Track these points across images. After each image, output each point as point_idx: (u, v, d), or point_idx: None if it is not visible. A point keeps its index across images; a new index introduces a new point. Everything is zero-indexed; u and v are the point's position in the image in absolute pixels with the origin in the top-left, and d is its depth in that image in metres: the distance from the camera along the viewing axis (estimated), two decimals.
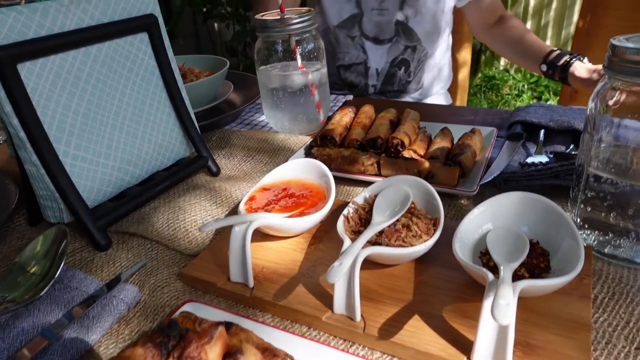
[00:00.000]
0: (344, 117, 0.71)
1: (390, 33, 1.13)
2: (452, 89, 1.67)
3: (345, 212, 0.49)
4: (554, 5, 3.31)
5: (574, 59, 0.97)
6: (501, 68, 3.59)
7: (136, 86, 0.63)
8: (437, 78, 1.24)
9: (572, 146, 0.65)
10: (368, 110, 0.74)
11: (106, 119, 0.59)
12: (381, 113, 0.72)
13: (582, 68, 0.95)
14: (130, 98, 0.62)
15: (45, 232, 0.50)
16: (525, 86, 3.27)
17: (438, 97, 1.27)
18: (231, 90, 0.94)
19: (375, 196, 0.51)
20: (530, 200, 0.45)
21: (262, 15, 0.75)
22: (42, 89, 0.52)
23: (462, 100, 1.83)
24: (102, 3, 0.57)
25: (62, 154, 0.54)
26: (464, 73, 1.82)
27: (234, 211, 0.60)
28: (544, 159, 0.61)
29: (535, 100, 3.15)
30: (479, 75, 3.46)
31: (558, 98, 2.98)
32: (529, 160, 0.62)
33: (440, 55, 1.21)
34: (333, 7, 1.12)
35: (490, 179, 0.58)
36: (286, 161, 0.68)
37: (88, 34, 0.55)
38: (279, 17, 0.73)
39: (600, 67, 0.90)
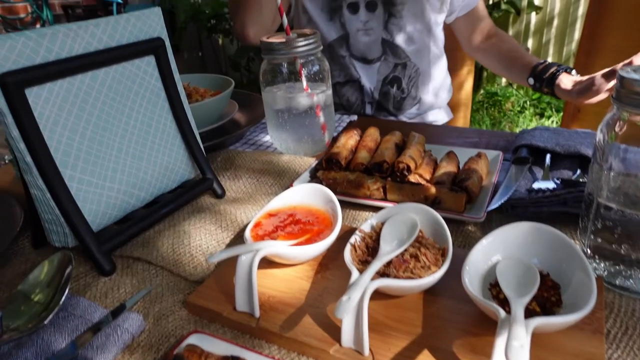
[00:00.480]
0: (350, 140, 0.71)
1: (378, 52, 1.14)
2: (455, 106, 1.68)
3: (352, 240, 0.49)
4: (555, 23, 3.34)
5: (560, 71, 0.95)
6: (503, 84, 3.61)
7: (142, 109, 0.63)
8: (434, 93, 1.23)
9: (578, 171, 0.64)
10: (373, 133, 0.74)
11: (112, 142, 0.59)
12: (386, 136, 0.72)
13: (567, 80, 0.93)
14: (136, 121, 0.62)
15: (49, 257, 0.50)
16: (528, 102, 3.28)
17: (438, 111, 1.26)
18: (236, 110, 0.95)
19: (382, 224, 0.50)
20: (540, 231, 0.44)
21: (268, 38, 0.75)
22: (49, 114, 0.52)
23: (465, 117, 1.84)
24: (110, 27, 0.57)
25: (68, 178, 0.54)
26: (466, 90, 1.83)
27: (239, 235, 0.60)
28: (550, 185, 0.61)
29: (537, 117, 3.16)
30: (481, 91, 3.47)
31: (561, 114, 2.99)
32: (536, 185, 0.61)
33: (435, 71, 1.20)
34: (322, 28, 1.12)
35: (497, 205, 0.58)
36: (291, 183, 0.68)
37: (96, 58, 0.56)
38: (284, 39, 0.73)
39: (585, 78, 0.89)
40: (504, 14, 3.25)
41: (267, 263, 0.50)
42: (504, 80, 3.62)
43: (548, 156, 0.68)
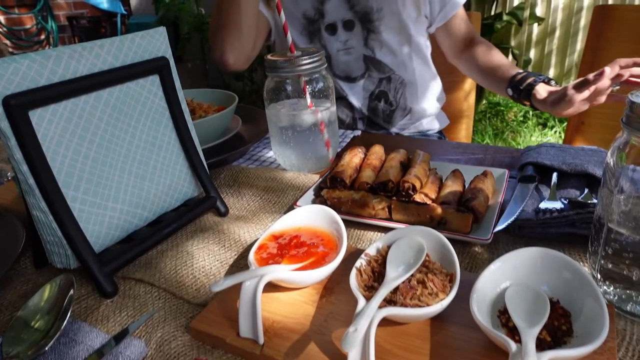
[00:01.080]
0: (354, 158, 0.71)
1: (361, 69, 1.13)
2: (457, 117, 1.67)
3: (357, 264, 0.48)
4: (557, 34, 3.35)
5: (537, 82, 0.91)
6: None
7: (146, 128, 0.62)
8: (424, 101, 1.21)
9: (586, 191, 0.64)
10: (378, 150, 0.73)
11: (115, 162, 0.59)
12: (391, 154, 0.72)
13: (544, 90, 0.89)
14: (140, 140, 0.62)
15: (51, 280, 0.49)
16: (530, 113, 3.28)
17: (432, 119, 1.25)
18: (240, 126, 0.94)
19: (388, 247, 0.50)
20: (550, 257, 0.43)
21: (272, 56, 0.75)
22: (53, 135, 0.52)
23: (467, 128, 1.83)
24: (114, 48, 0.57)
25: (70, 199, 0.53)
26: (469, 102, 1.82)
27: (242, 256, 0.59)
28: (558, 205, 0.60)
29: (540, 127, 3.15)
30: (484, 101, 3.47)
31: (565, 125, 2.98)
32: (543, 205, 0.61)
33: (421, 80, 1.19)
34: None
35: (503, 226, 0.57)
36: (295, 201, 0.68)
37: (100, 79, 0.56)
38: (289, 57, 0.73)
39: (560, 88, 0.86)
40: (506, 25, 3.26)
41: (271, 286, 0.50)
42: None
43: (555, 175, 0.68)
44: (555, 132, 3.03)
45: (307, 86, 0.75)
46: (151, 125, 0.63)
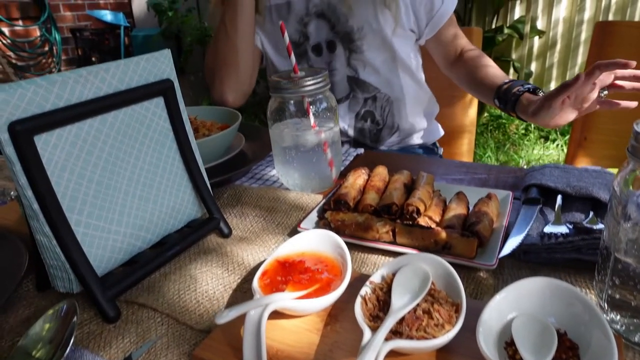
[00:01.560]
0: (358, 180, 0.71)
1: (345, 90, 1.13)
2: (459, 132, 1.67)
3: (362, 292, 0.47)
4: (558, 47, 3.36)
5: (523, 91, 0.85)
6: None
7: (150, 150, 0.62)
8: (413, 116, 1.19)
9: (591, 214, 0.63)
10: (381, 172, 0.73)
11: (120, 184, 0.59)
12: (395, 175, 0.71)
13: (526, 100, 0.83)
14: (144, 162, 0.62)
15: (53, 307, 0.49)
16: (532, 126, 3.28)
17: (421, 134, 1.23)
18: (243, 144, 0.94)
19: (393, 274, 0.49)
20: (556, 288, 0.43)
21: (276, 76, 0.75)
22: (58, 159, 0.52)
23: (469, 143, 1.83)
24: (119, 71, 0.57)
25: (74, 223, 0.53)
26: (470, 116, 1.83)
27: (245, 280, 0.59)
28: (563, 229, 0.60)
29: (542, 140, 3.16)
30: (485, 114, 3.48)
31: (567, 137, 2.98)
32: (547, 230, 0.60)
33: (409, 95, 1.17)
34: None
35: (508, 252, 0.57)
36: (299, 223, 0.67)
37: (105, 103, 0.56)
38: (292, 78, 0.73)
39: (544, 95, 0.80)
40: (507, 38, 3.28)
41: (276, 313, 0.49)
42: None
43: (559, 197, 0.67)
44: (557, 145, 3.03)
45: (311, 106, 0.75)
46: (155, 147, 0.63)
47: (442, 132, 1.32)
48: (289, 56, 0.76)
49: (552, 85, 3.48)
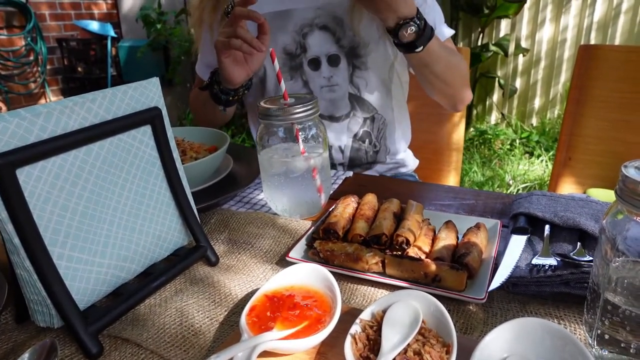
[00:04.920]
0: (347, 208, 0.70)
1: (346, 107, 1.11)
2: (446, 151, 1.68)
3: (352, 330, 0.47)
4: (542, 64, 3.43)
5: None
6: (492, 123, 3.67)
7: (137, 179, 0.61)
8: (398, 142, 1.20)
9: (579, 245, 0.64)
10: (371, 200, 0.73)
11: (104, 215, 0.57)
12: (384, 204, 0.71)
13: None
14: (130, 192, 0.60)
15: (31, 348, 0.47)
16: (517, 141, 3.33)
17: (403, 159, 1.24)
18: (231, 166, 0.94)
19: (384, 312, 0.49)
20: (548, 330, 0.43)
21: (265, 103, 0.75)
22: (40, 192, 0.51)
23: (457, 162, 1.85)
24: (106, 101, 0.57)
25: (56, 256, 0.52)
26: (459, 134, 1.84)
27: (232, 312, 0.58)
28: (551, 261, 0.60)
29: (527, 156, 3.20)
30: (471, 129, 3.52)
31: (551, 154, 3.03)
32: (535, 261, 0.60)
33: (398, 119, 1.18)
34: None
35: (497, 285, 0.57)
36: (287, 252, 0.66)
37: (91, 133, 0.55)
38: (282, 106, 0.73)
39: None
40: (492, 55, 3.34)
41: (264, 352, 0.48)
42: (493, 118, 3.68)
43: (547, 227, 0.68)
44: (542, 161, 3.07)
45: (300, 133, 0.75)
46: (142, 176, 0.62)
47: (417, 160, 1.31)
48: (278, 83, 0.75)
49: (537, 101, 3.54)
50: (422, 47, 0.89)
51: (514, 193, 2.70)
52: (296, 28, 1.06)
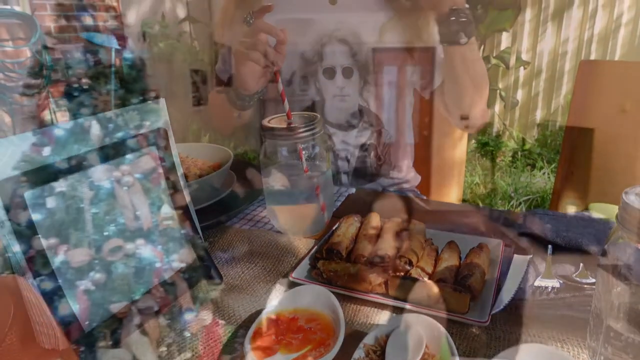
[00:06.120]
0: (350, 228, 0.71)
1: (355, 119, 1.14)
2: (449, 167, 1.69)
3: (356, 355, 0.47)
4: (543, 76, 3.45)
5: None
6: (494, 135, 3.68)
7: (141, 200, 0.62)
8: (405, 158, 1.22)
9: (581, 266, 0.64)
10: (374, 219, 0.73)
11: (109, 234, 0.58)
12: (387, 223, 0.72)
13: None
14: (134, 211, 0.61)
15: None
16: (519, 153, 3.33)
17: (405, 177, 1.25)
18: (234, 182, 0.94)
19: (387, 336, 0.49)
20: (551, 356, 0.43)
21: (269, 122, 0.76)
22: (47, 214, 0.51)
23: (459, 177, 1.85)
24: (113, 123, 0.57)
25: (62, 278, 0.52)
26: (461, 148, 1.85)
27: (236, 334, 0.58)
28: (554, 283, 0.60)
29: (529, 168, 3.20)
30: (472, 141, 3.53)
31: (553, 165, 3.03)
32: (538, 283, 0.61)
33: (403, 137, 1.20)
34: (296, 95, 1.14)
35: (500, 308, 0.57)
36: (291, 271, 0.67)
37: (94, 156, 0.55)
38: (286, 125, 0.74)
39: None
40: (493, 67, 3.35)
41: None
42: (494, 130, 3.69)
43: (550, 248, 0.68)
44: (544, 173, 3.07)
45: (304, 151, 0.76)
46: (146, 197, 0.62)
47: (419, 177, 1.32)
48: (282, 102, 0.76)
49: (538, 113, 3.55)
50: (467, 39, 0.91)
51: (516, 205, 2.71)
52: (316, 36, 1.10)
